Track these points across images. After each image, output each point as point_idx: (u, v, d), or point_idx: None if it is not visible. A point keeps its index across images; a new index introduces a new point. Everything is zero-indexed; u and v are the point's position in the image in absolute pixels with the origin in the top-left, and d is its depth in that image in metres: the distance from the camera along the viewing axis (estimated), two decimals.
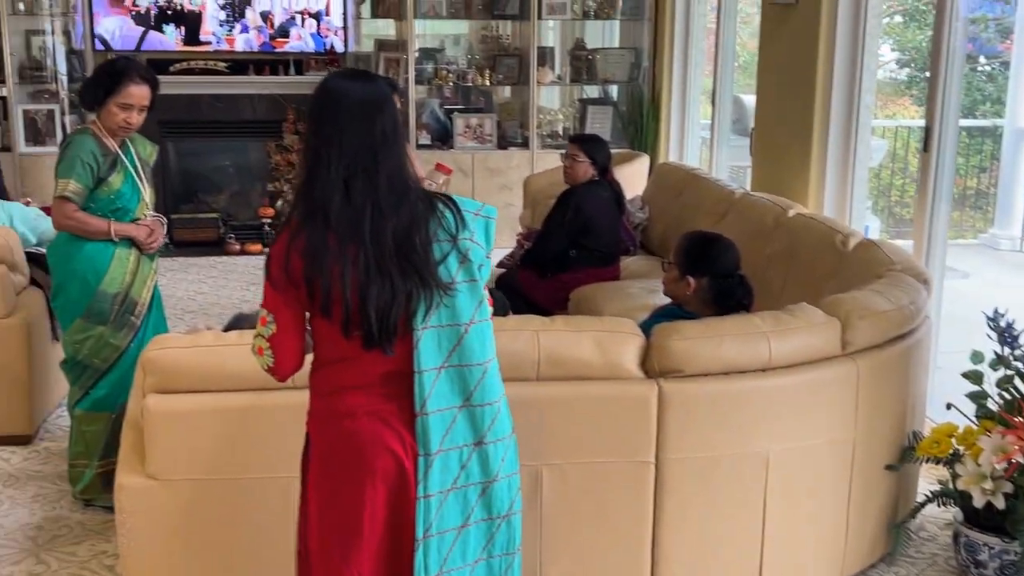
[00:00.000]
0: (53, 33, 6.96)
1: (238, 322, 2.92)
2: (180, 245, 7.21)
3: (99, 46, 6.98)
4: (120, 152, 3.41)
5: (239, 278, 6.72)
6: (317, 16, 7.17)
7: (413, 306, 1.91)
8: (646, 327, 2.80)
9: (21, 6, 6.82)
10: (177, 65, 7.12)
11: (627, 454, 2.69)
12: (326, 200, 1.89)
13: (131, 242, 3.44)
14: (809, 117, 4.60)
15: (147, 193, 3.50)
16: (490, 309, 2.02)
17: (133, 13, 6.97)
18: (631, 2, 7.35)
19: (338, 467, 2.00)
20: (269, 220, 7.38)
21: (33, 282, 4.21)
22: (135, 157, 3.47)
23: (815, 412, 2.84)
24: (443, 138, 7.43)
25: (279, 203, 7.32)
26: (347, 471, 1.99)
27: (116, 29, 6.99)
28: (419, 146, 7.17)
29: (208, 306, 6.07)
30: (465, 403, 1.98)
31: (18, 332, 3.97)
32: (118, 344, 3.43)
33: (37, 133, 6.97)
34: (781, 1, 4.85)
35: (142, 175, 3.48)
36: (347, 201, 1.89)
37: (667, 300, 3.23)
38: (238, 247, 7.30)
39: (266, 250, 7.30)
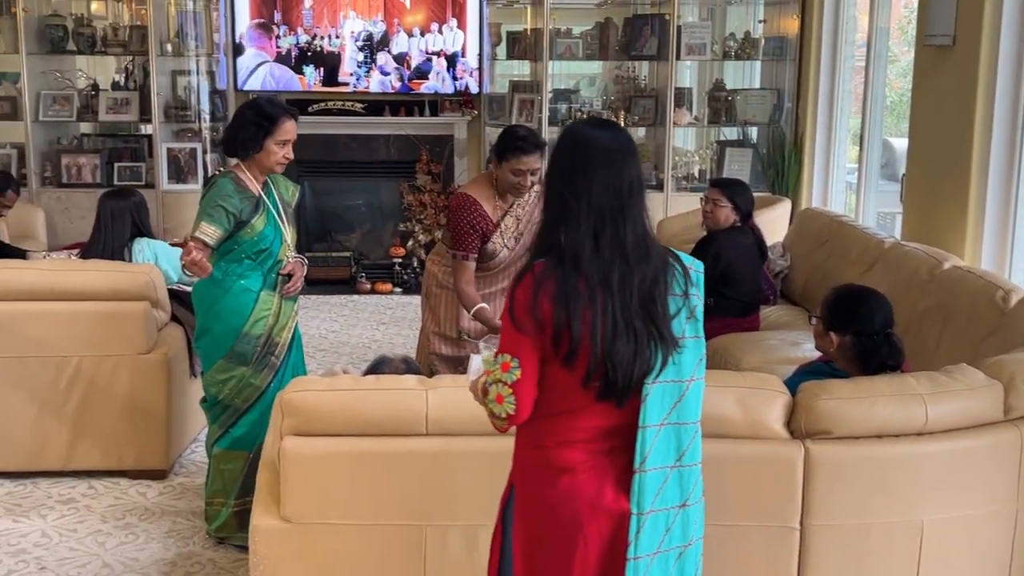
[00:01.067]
0: (198, 73, 7.34)
1: (380, 365, 3.00)
2: (313, 283, 7.44)
3: (241, 86, 7.32)
4: (263, 194, 3.56)
5: (369, 317, 6.90)
6: (453, 58, 7.36)
7: (652, 361, 1.95)
8: (792, 384, 2.75)
9: (169, 47, 7.23)
10: (315, 106, 7.40)
11: (770, 519, 2.64)
12: (576, 249, 1.94)
13: (275, 284, 3.58)
14: (966, 163, 4.46)
15: (289, 234, 3.62)
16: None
17: (275, 54, 7.29)
18: (773, 43, 7.29)
19: (549, 523, 2.02)
20: (400, 260, 7.57)
21: (174, 319, 4.42)
22: (277, 199, 3.61)
23: (974, 481, 2.73)
24: None
25: (410, 243, 7.49)
26: (559, 528, 2.01)
27: (259, 70, 7.32)
28: None
29: (339, 345, 6.24)
30: (677, 463, 2.01)
31: (159, 367, 4.17)
32: (259, 384, 3.56)
33: (179, 171, 7.33)
34: (937, 43, 4.73)
35: (284, 216, 3.61)
36: (596, 251, 1.94)
37: (809, 354, 3.17)
38: (369, 286, 7.50)
39: (396, 290, 7.48)
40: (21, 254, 5.59)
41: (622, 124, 7.31)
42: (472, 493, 2.62)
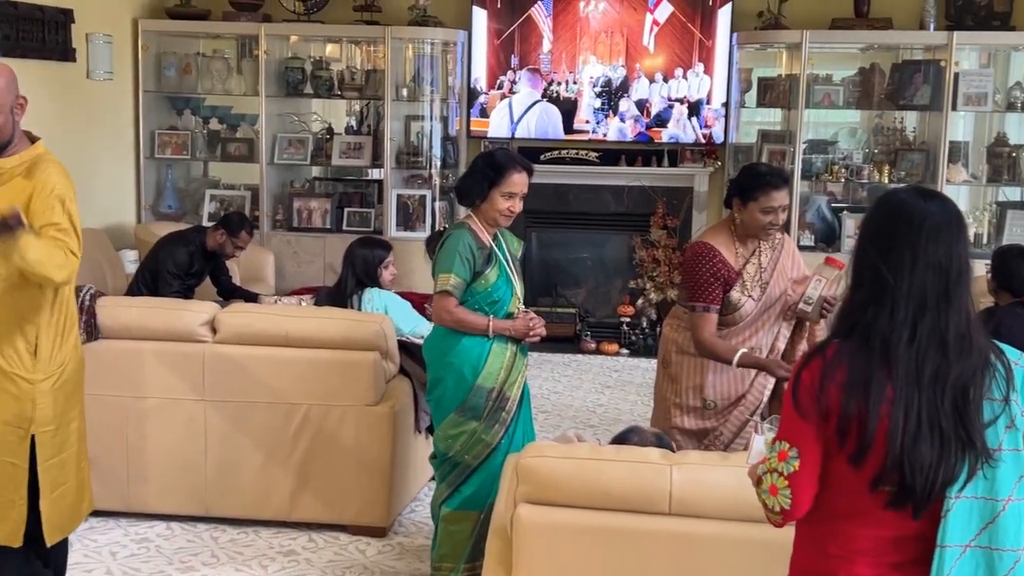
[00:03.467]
0: (431, 119, 7.69)
1: (629, 435, 3.01)
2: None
3: (474, 133, 7.61)
4: (493, 245, 3.69)
5: (594, 379, 6.94)
6: (696, 105, 7.37)
7: (956, 470, 1.84)
8: None
9: (404, 92, 7.62)
10: (548, 154, 7.58)
11: None
12: (889, 335, 1.87)
13: (506, 336, 3.68)
14: None
15: (519, 286, 3.75)
16: None
17: (509, 100, 7.54)
18: None
19: None
20: (628, 319, 7.59)
21: (402, 371, 4.61)
22: (506, 251, 3.74)
23: None
24: (828, 239, 7.31)
25: (640, 301, 7.51)
26: None
27: (493, 116, 7.59)
28: (801, 247, 7.09)
29: (562, 407, 6.31)
30: None
31: (385, 420, 4.35)
32: (489, 441, 3.64)
33: (408, 218, 7.67)
34: None
35: (513, 268, 3.74)
36: (911, 339, 1.86)
37: None
38: (594, 345, 7.55)
39: (623, 351, 7.50)
40: (253, 298, 6.00)
41: (886, 180, 7.09)
42: None
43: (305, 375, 4.35)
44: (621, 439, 3.00)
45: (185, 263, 5.81)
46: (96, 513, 4.39)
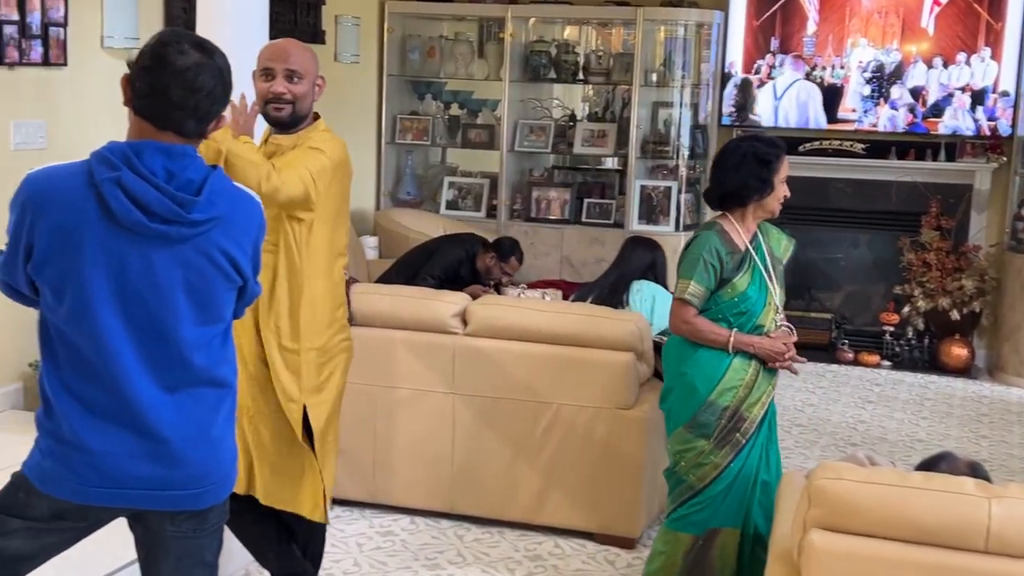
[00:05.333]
0: (681, 105, 7.58)
1: (938, 462, 2.85)
2: None
3: (725, 120, 7.46)
4: (751, 248, 3.53)
5: (852, 392, 6.68)
6: (981, 94, 6.97)
7: None
8: None
9: (654, 77, 7.54)
10: (807, 145, 7.35)
11: None
12: None
13: (750, 353, 3.50)
14: None
15: (777, 295, 3.56)
16: None
17: (768, 84, 7.35)
18: None
19: None
20: (892, 328, 7.26)
21: (656, 374, 4.55)
22: (766, 253, 3.56)
23: None
24: None
25: (906, 309, 7.17)
26: None
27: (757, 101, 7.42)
28: None
29: (818, 422, 6.10)
30: None
31: (638, 426, 4.31)
32: (718, 462, 3.49)
33: (651, 211, 7.59)
34: None
35: (772, 274, 3.56)
36: None
37: None
38: (851, 356, 7.28)
39: (884, 363, 7.18)
40: (495, 287, 6.08)
41: None
42: None
43: (556, 372, 4.36)
44: (929, 465, 2.84)
45: (453, 267, 5.98)
46: (342, 502, 4.55)
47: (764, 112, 7.39)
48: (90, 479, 2.31)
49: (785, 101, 7.36)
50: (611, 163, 8.01)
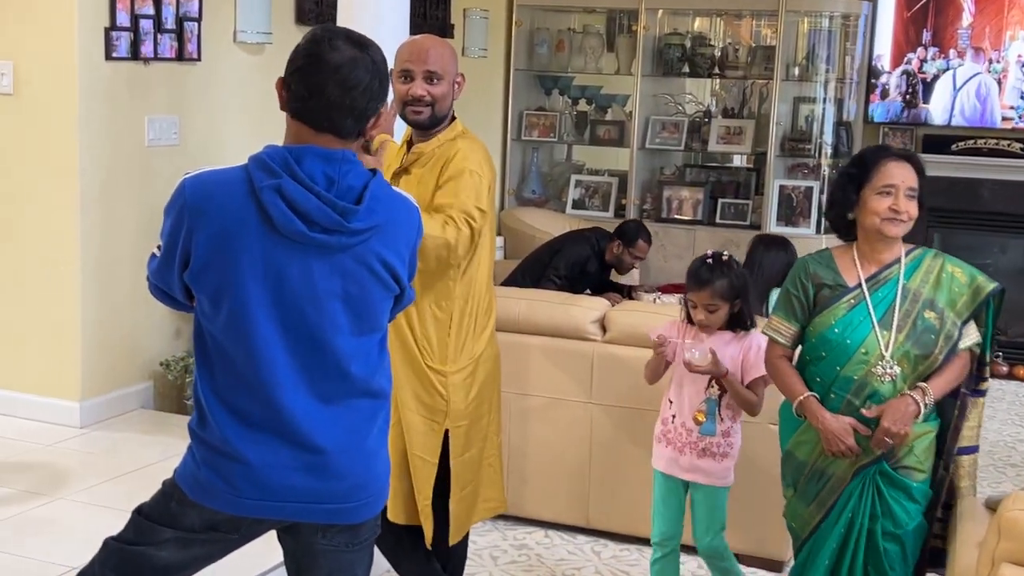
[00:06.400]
0: (824, 101, 7.40)
1: None
2: None
3: (879, 117, 7.26)
4: (864, 283, 3.05)
5: (1008, 409, 6.45)
6: None
7: None
8: None
9: (795, 71, 7.37)
10: (960, 144, 7.11)
11: None
12: None
13: (841, 402, 3.06)
14: None
15: (891, 339, 2.98)
16: None
17: (914, 82, 7.13)
18: None
19: None
20: None
21: None
22: (900, 295, 3.00)
23: None
24: None
25: None
26: None
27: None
28: None
29: None
30: None
31: (774, 438, 4.18)
32: (807, 519, 3.18)
33: (790, 212, 7.42)
34: None
35: (894, 319, 2.99)
36: None
37: None
38: (1006, 369, 7.03)
39: None
40: (627, 292, 6.01)
41: None
42: None
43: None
44: None
45: (580, 264, 5.93)
46: None
47: (936, 108, 7.15)
48: (245, 490, 2.30)
49: (962, 95, 7.11)
50: (739, 161, 7.87)
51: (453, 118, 3.38)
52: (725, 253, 3.59)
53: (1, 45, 4.81)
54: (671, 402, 3.72)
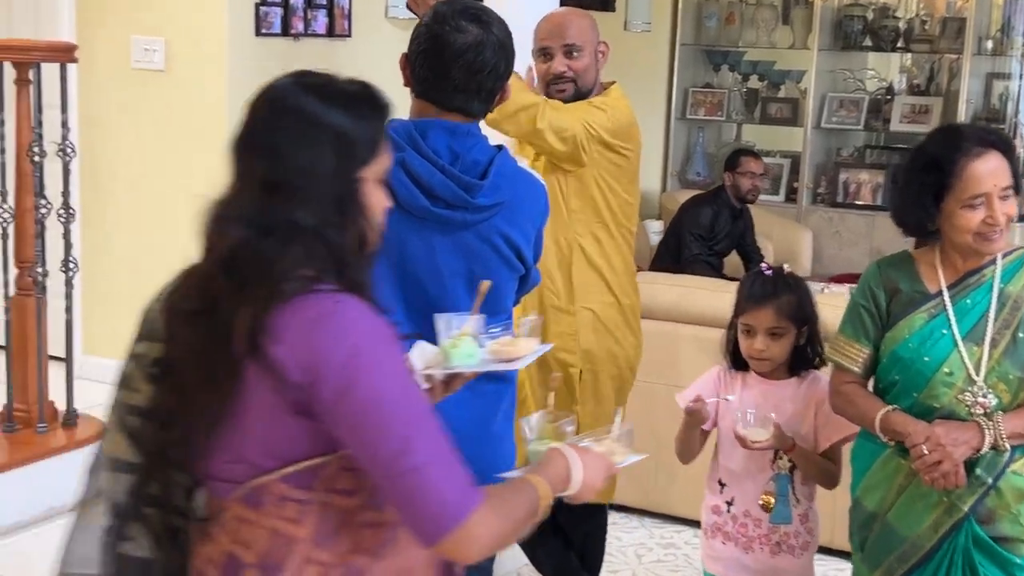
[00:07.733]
0: (1021, 78, 7.07)
1: None
2: None
3: None
4: (946, 292, 2.57)
5: None
6: None
7: None
8: None
9: (989, 44, 7.06)
10: None
11: None
12: None
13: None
14: None
15: (983, 357, 2.50)
16: None
17: None
18: None
19: None
20: None
21: None
22: (994, 306, 2.53)
23: None
24: None
25: None
26: None
27: None
28: None
29: None
30: None
31: None
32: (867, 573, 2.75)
33: None
34: None
35: (990, 323, 2.52)
36: None
37: None
38: None
39: None
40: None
41: None
42: None
43: None
44: None
45: (708, 224, 6.06)
46: (620, 508, 4.51)
47: None
48: None
49: None
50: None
51: (603, 87, 3.39)
52: (787, 265, 3.07)
53: (152, 21, 4.99)
54: (722, 485, 3.11)
